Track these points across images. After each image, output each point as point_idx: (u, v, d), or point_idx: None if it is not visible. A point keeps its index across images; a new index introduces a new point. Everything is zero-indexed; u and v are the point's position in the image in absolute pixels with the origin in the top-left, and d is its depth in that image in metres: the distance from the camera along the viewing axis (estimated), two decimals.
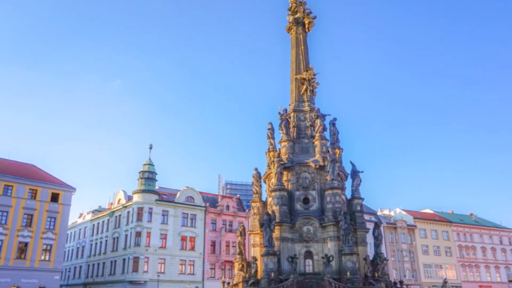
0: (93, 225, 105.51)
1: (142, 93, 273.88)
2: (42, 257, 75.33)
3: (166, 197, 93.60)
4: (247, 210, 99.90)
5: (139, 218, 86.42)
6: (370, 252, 51.06)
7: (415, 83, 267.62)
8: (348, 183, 49.73)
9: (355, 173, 48.77)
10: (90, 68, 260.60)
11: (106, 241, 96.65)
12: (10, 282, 70.33)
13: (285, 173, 47.87)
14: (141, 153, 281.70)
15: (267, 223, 43.10)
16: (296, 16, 57.07)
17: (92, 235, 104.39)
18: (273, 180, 46.94)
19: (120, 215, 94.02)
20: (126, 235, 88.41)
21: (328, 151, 47.41)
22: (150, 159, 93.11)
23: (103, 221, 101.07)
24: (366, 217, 60.89)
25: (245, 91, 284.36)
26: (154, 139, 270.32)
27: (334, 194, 45.39)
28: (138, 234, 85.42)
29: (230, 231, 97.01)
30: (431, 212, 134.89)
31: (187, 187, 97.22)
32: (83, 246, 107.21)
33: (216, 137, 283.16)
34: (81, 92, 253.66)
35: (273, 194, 46.38)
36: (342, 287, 38.90)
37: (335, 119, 50.65)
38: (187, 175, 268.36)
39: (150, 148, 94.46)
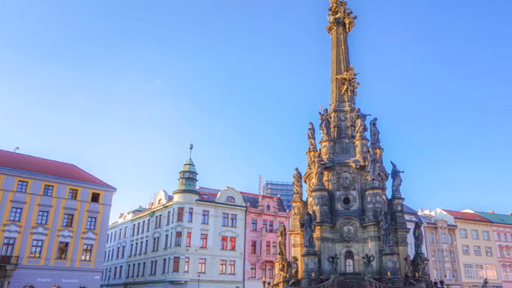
0: (134, 225, 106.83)
1: (183, 93, 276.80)
2: (83, 257, 75.72)
3: (206, 197, 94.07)
4: (287, 210, 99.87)
5: (180, 218, 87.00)
6: (411, 252, 50.96)
7: (456, 82, 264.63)
8: (389, 183, 49.77)
9: (395, 173, 48.72)
10: (131, 68, 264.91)
11: (147, 241, 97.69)
12: (51, 282, 71.12)
13: (325, 173, 48.01)
14: (182, 153, 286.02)
15: (307, 223, 43.29)
16: (337, 16, 57.18)
17: (133, 235, 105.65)
18: (314, 180, 47.11)
19: (160, 215, 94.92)
20: (167, 235, 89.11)
21: (369, 151, 47.41)
22: (190, 159, 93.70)
23: (144, 221, 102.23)
24: (407, 217, 60.66)
25: (285, 91, 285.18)
26: (195, 139, 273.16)
27: (374, 194, 45.41)
28: (179, 234, 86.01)
29: (271, 231, 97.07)
30: (472, 212, 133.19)
31: (227, 187, 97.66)
32: (124, 246, 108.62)
33: (256, 137, 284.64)
34: (121, 92, 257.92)
35: (313, 194, 46.59)
36: (383, 287, 38.91)
37: (375, 119, 50.69)
38: (227, 175, 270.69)
39: (191, 148, 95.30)
